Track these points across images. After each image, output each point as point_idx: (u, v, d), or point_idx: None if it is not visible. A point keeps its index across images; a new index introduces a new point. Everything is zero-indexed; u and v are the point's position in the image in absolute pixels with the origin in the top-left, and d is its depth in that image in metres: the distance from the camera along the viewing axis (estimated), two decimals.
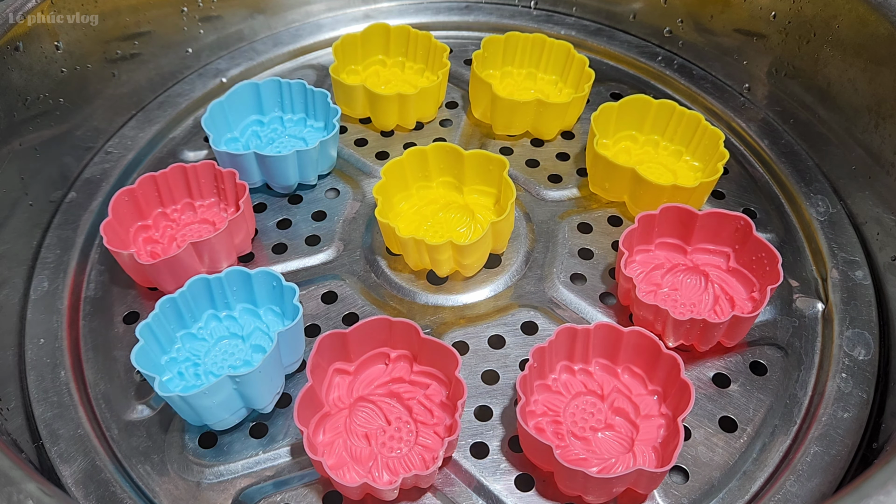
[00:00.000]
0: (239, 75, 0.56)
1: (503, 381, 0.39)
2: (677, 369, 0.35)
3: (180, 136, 0.52)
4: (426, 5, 0.61)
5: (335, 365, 0.37)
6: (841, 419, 0.37)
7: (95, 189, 0.48)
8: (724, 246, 0.41)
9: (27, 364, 0.39)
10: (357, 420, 0.36)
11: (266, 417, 0.37)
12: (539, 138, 0.51)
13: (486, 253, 0.42)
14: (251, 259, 0.44)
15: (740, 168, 0.50)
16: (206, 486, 0.35)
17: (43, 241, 0.45)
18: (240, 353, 0.38)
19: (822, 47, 0.47)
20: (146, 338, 0.35)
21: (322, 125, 0.50)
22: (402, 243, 0.40)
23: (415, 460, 0.34)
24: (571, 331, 0.36)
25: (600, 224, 0.46)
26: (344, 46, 0.53)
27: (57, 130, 0.47)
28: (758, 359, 0.39)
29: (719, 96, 0.54)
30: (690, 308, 0.40)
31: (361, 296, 0.42)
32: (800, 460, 0.35)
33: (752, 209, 0.47)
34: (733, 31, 0.53)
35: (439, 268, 0.41)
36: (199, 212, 0.45)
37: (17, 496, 0.25)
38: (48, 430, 0.36)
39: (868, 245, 0.44)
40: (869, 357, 0.39)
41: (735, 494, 0.35)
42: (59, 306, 0.41)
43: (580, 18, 0.60)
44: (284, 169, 0.45)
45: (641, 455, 0.34)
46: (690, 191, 0.42)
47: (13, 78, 0.43)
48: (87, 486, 0.34)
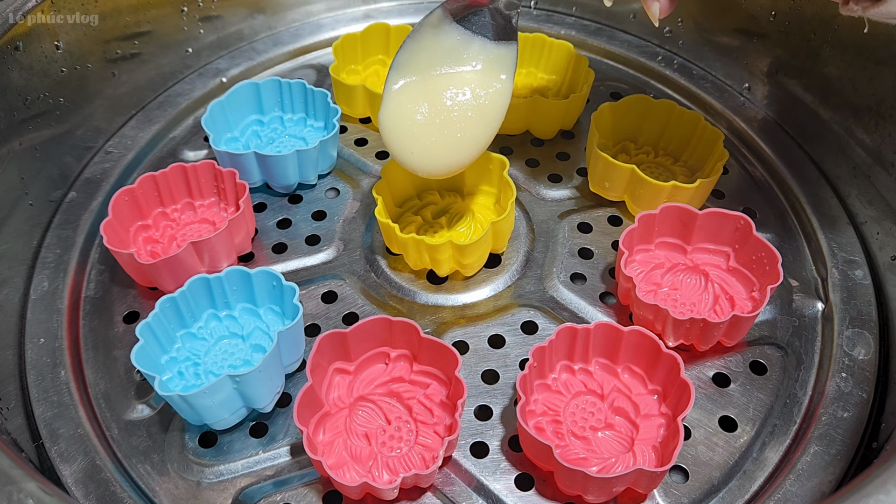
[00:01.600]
0: (239, 75, 0.56)
1: (503, 381, 0.39)
2: (677, 369, 0.35)
3: (180, 136, 0.52)
4: (426, 5, 0.61)
5: (335, 364, 0.37)
6: (841, 419, 0.37)
7: (95, 189, 0.48)
8: (724, 246, 0.41)
9: (27, 364, 0.39)
10: (357, 419, 0.36)
11: (266, 417, 0.37)
12: (539, 138, 0.51)
13: (486, 253, 0.42)
14: (251, 259, 0.44)
15: (740, 168, 0.50)
16: (206, 485, 0.35)
17: (43, 240, 0.45)
18: (240, 352, 0.38)
19: (822, 47, 0.47)
20: (146, 337, 0.35)
21: (322, 125, 0.50)
22: (401, 243, 0.40)
23: (415, 460, 0.34)
24: (571, 330, 0.36)
25: (600, 224, 0.46)
26: (344, 46, 0.53)
27: (57, 130, 0.47)
28: (758, 358, 0.39)
29: (719, 96, 0.54)
30: (690, 308, 0.40)
31: (361, 295, 0.42)
32: (800, 460, 0.35)
33: (752, 209, 0.47)
34: (733, 31, 0.53)
35: (439, 267, 0.41)
36: (199, 211, 0.45)
37: (18, 495, 0.25)
38: (48, 429, 0.36)
39: (868, 245, 0.44)
40: (869, 357, 0.39)
41: (735, 494, 0.35)
42: (59, 306, 0.41)
43: (580, 18, 0.60)
44: (284, 169, 0.45)
45: (641, 454, 0.34)
46: (690, 190, 0.42)
47: (13, 78, 0.43)
48: (87, 486, 0.34)
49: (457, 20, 0.37)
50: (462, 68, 0.38)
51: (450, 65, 0.38)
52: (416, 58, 0.38)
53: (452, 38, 0.38)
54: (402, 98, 0.38)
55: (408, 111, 0.38)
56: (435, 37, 0.38)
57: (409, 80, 0.38)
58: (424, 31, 0.38)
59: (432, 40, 0.38)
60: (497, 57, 0.38)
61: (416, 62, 0.38)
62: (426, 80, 0.38)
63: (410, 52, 0.38)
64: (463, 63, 0.38)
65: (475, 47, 0.38)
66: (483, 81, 0.38)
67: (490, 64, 0.38)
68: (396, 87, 0.38)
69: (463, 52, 0.38)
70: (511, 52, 0.38)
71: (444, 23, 0.37)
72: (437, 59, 0.38)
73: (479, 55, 0.38)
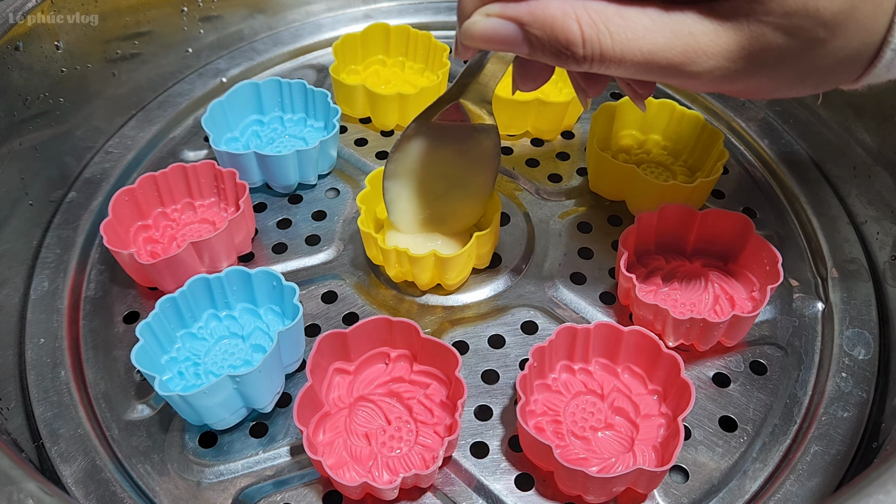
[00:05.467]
0: (239, 75, 0.56)
1: (503, 381, 0.39)
2: (677, 369, 0.35)
3: (180, 136, 0.52)
4: (426, 5, 0.61)
5: (335, 364, 0.37)
6: (841, 419, 0.37)
7: (95, 189, 0.48)
8: (724, 246, 0.41)
9: (27, 364, 0.39)
10: (357, 419, 0.36)
11: (266, 417, 0.37)
12: (539, 138, 0.51)
13: (467, 267, 0.41)
14: (251, 259, 0.44)
15: (740, 168, 0.50)
16: (207, 485, 0.35)
17: (43, 240, 0.45)
18: (240, 352, 0.38)
19: None
20: (146, 337, 0.35)
21: (322, 125, 0.50)
22: (383, 253, 0.40)
23: (415, 460, 0.34)
24: (571, 330, 0.36)
25: (600, 224, 0.46)
26: (344, 46, 0.53)
27: (57, 130, 0.47)
28: (758, 358, 0.39)
29: (719, 96, 0.54)
30: (690, 308, 0.40)
31: (361, 295, 0.42)
32: (800, 460, 0.35)
33: (752, 209, 0.47)
34: None
35: (420, 280, 0.41)
36: (199, 211, 0.45)
37: (18, 495, 0.25)
38: (48, 429, 0.36)
39: (868, 245, 0.44)
40: (869, 357, 0.39)
41: (735, 494, 0.35)
42: (59, 306, 0.41)
43: None
44: (284, 169, 0.45)
45: (641, 454, 0.34)
46: (690, 190, 0.42)
47: (13, 78, 0.43)
48: (87, 486, 0.34)
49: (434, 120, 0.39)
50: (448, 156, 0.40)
51: (437, 159, 0.40)
52: (406, 161, 0.40)
53: (433, 138, 0.39)
54: (404, 206, 0.41)
55: (411, 215, 0.41)
56: (419, 140, 0.40)
57: (404, 186, 0.41)
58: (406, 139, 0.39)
59: (417, 145, 0.40)
60: (477, 138, 0.40)
61: (405, 164, 0.40)
62: (419, 180, 0.40)
63: (397, 161, 0.40)
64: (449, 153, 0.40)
65: (458, 134, 0.39)
66: (471, 162, 0.40)
67: (473, 145, 0.40)
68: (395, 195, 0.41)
69: (446, 144, 0.40)
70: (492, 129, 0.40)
71: (422, 128, 0.39)
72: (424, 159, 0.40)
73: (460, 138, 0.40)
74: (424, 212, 0.41)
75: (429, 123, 0.39)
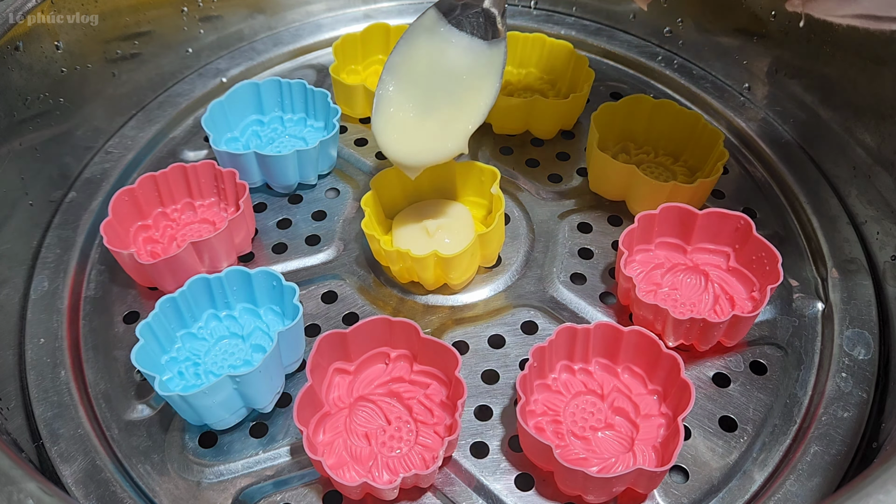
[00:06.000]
0: (239, 75, 0.56)
1: (503, 381, 0.39)
2: (677, 369, 0.35)
3: (180, 136, 0.52)
4: (426, 5, 0.61)
5: (335, 365, 0.37)
6: (841, 419, 0.37)
7: (95, 189, 0.48)
8: (724, 246, 0.42)
9: (27, 364, 0.39)
10: (357, 420, 0.36)
11: (266, 417, 0.37)
12: (539, 138, 0.51)
13: (472, 266, 0.41)
14: (251, 259, 0.44)
15: (740, 168, 0.50)
16: (207, 485, 0.35)
17: (43, 240, 0.45)
18: (240, 352, 0.38)
19: (821, 47, 0.47)
20: (146, 337, 0.35)
21: (322, 125, 0.50)
22: (386, 255, 0.40)
23: (415, 460, 0.34)
24: (571, 330, 0.36)
25: (600, 224, 0.46)
26: (344, 46, 0.53)
27: (57, 130, 0.47)
28: (758, 358, 0.39)
29: (719, 96, 0.54)
30: (690, 308, 0.40)
31: (361, 295, 0.42)
32: (800, 460, 0.35)
33: (752, 209, 0.47)
34: (733, 31, 0.53)
35: (425, 280, 0.41)
36: (199, 211, 0.45)
37: (18, 495, 0.25)
38: (48, 429, 0.36)
39: (868, 245, 0.44)
40: (869, 357, 0.39)
41: (735, 494, 0.35)
42: (59, 306, 0.41)
43: (580, 18, 0.60)
44: (284, 169, 0.45)
45: (641, 454, 0.34)
46: (690, 190, 0.42)
47: (13, 78, 0.43)
48: (87, 486, 0.34)
49: (450, 21, 0.39)
50: (454, 67, 0.39)
51: (443, 65, 0.39)
52: (410, 59, 0.39)
53: (445, 40, 0.39)
54: (396, 100, 0.40)
55: (401, 113, 0.40)
56: (429, 39, 0.39)
57: (402, 82, 0.40)
58: (418, 33, 0.39)
59: (426, 42, 0.39)
60: (488, 56, 0.39)
61: (409, 64, 0.39)
62: (419, 81, 0.40)
63: (404, 55, 0.39)
64: (455, 63, 0.39)
65: (467, 47, 0.39)
66: (473, 80, 0.40)
67: (481, 62, 0.39)
68: (391, 90, 0.40)
69: (455, 52, 0.39)
70: (500, 51, 0.39)
71: (437, 25, 0.39)
72: (430, 61, 0.39)
73: (470, 54, 0.39)
74: (409, 121, 0.40)
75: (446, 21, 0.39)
